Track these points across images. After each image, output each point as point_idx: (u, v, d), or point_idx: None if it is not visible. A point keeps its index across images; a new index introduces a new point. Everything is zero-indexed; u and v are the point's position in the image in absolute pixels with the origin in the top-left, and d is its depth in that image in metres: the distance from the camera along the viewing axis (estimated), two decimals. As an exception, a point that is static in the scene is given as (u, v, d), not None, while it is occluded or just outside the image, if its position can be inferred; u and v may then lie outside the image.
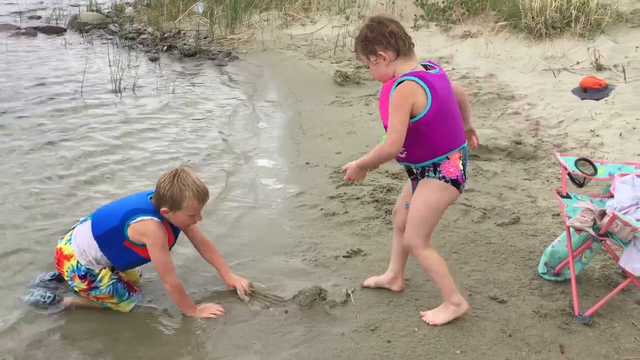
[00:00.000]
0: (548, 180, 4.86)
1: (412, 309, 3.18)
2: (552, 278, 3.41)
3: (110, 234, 3.14)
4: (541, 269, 3.47)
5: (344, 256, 3.76)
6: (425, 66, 2.91)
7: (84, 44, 11.21)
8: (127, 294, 3.27)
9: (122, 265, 3.26)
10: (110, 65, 8.51)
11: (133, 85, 8.16)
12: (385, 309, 3.16)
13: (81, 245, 3.19)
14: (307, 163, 5.45)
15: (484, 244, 3.85)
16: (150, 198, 3.22)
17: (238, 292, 3.34)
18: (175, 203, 3.07)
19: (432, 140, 2.82)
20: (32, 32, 12.01)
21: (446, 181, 2.87)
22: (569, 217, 3.12)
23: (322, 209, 4.47)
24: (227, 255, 3.84)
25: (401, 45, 2.80)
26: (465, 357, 2.79)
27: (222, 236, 4.12)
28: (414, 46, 2.86)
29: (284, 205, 4.65)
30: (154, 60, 10.08)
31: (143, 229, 3.10)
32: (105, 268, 3.22)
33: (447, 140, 2.85)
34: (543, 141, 5.72)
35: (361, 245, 3.87)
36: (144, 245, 3.13)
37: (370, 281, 3.40)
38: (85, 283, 3.19)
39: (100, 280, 3.20)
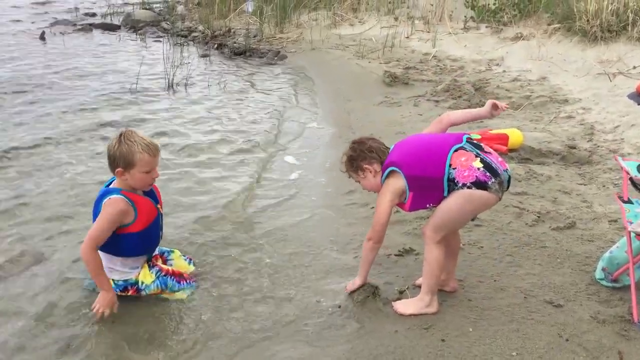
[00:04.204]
0: (604, 186, 4.77)
1: (465, 309, 3.17)
2: (610, 284, 3.34)
3: None
4: (598, 274, 3.41)
5: (395, 254, 3.77)
6: None
7: (138, 41, 11.50)
8: (177, 284, 3.35)
9: (128, 252, 3.23)
10: (164, 62, 8.72)
11: (185, 82, 8.34)
12: (439, 309, 3.15)
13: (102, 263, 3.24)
14: (357, 162, 5.47)
15: (539, 247, 3.81)
16: (109, 184, 3.24)
17: None
18: (127, 161, 3.07)
19: (428, 179, 2.95)
20: (87, 28, 12.39)
21: (468, 187, 2.87)
22: (631, 223, 3.06)
23: (372, 207, 4.46)
24: (281, 251, 3.91)
25: (382, 156, 3.12)
26: (522, 360, 2.77)
27: (273, 233, 4.18)
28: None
29: (335, 203, 4.68)
30: (205, 57, 10.27)
31: (106, 204, 3.09)
32: (139, 269, 3.28)
33: (435, 165, 2.94)
34: (598, 146, 5.61)
35: (413, 245, 3.87)
36: (126, 225, 3.13)
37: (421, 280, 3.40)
38: (130, 292, 3.28)
39: (143, 283, 3.28)
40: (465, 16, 10.58)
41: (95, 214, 3.16)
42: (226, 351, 2.94)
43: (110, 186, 3.23)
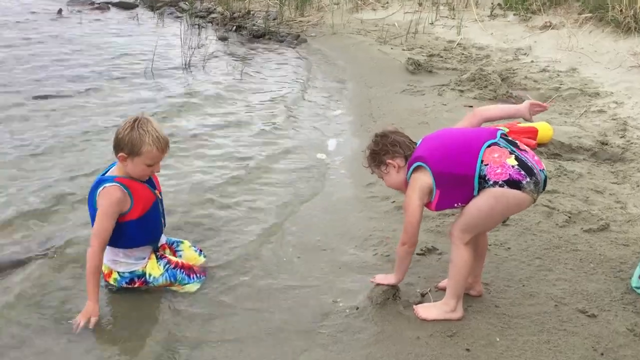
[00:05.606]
0: (638, 186, 4.52)
1: (492, 316, 2.97)
2: (648, 294, 3.13)
3: None
4: (635, 282, 3.19)
5: (417, 253, 3.54)
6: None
7: (155, 20, 11.34)
8: (187, 277, 3.21)
9: (129, 242, 3.09)
10: (182, 43, 8.55)
11: (203, 63, 8.17)
12: (464, 315, 2.95)
13: (106, 256, 3.09)
14: (378, 152, 5.26)
15: (570, 250, 3.59)
16: (106, 172, 3.09)
17: None
18: (134, 148, 2.90)
19: (458, 176, 2.76)
20: (105, 6, 12.26)
21: (500, 186, 2.66)
22: (676, 230, 2.84)
23: (393, 201, 4.28)
24: (296, 245, 3.73)
25: (406, 151, 2.93)
26: (553, 375, 2.57)
27: (289, 226, 4.01)
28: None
29: (354, 196, 4.48)
30: (223, 39, 10.08)
31: (101, 196, 2.95)
32: (145, 260, 3.15)
33: (466, 160, 2.74)
34: (632, 143, 5.34)
35: (435, 243, 3.67)
36: (123, 213, 2.98)
37: (447, 283, 3.20)
38: (137, 284, 3.15)
39: (151, 275, 3.15)
40: (492, 3, 10.28)
41: (90, 203, 3.02)
42: (233, 351, 2.78)
43: (106, 174, 3.07)
